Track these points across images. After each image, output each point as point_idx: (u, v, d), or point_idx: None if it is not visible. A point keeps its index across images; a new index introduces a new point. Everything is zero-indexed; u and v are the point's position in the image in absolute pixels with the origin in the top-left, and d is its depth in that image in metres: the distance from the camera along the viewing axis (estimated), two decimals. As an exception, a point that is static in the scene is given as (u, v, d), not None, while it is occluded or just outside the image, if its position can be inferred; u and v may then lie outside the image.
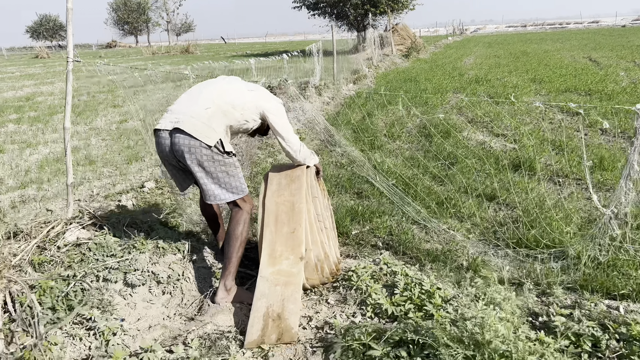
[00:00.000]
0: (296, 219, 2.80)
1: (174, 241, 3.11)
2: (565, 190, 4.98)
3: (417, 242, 3.89)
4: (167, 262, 2.92)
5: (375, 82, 14.21)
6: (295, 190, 2.93)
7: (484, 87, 11.28)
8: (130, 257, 2.82)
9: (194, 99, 2.86)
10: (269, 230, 2.82)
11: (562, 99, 9.26)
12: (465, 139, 6.91)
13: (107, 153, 7.58)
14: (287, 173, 3.07)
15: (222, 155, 2.76)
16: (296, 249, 2.71)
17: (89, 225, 3.24)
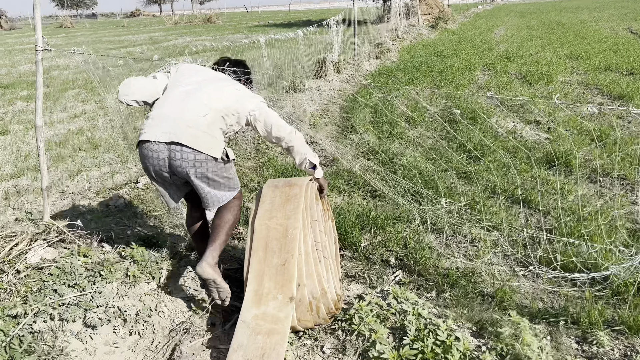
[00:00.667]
0: (288, 247, 2.34)
1: (150, 264, 2.69)
2: (607, 192, 4.40)
3: (435, 259, 3.40)
4: (138, 293, 2.51)
5: (399, 56, 13.47)
6: (291, 212, 2.45)
7: (515, 65, 10.49)
8: (95, 288, 2.42)
9: (183, 103, 2.48)
10: (257, 258, 2.38)
11: (601, 79, 8.48)
12: (494, 126, 6.30)
13: (112, 136, 7.21)
14: (283, 190, 2.59)
15: (226, 164, 2.57)
16: (286, 287, 2.26)
17: (57, 242, 2.84)
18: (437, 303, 2.88)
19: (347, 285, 3.03)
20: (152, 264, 2.72)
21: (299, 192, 2.54)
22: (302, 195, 2.52)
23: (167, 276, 2.70)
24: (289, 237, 2.38)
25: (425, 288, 3.09)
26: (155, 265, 2.73)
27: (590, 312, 2.71)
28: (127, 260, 2.71)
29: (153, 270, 2.67)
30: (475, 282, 3.12)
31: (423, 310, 2.47)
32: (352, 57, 11.62)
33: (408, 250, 3.51)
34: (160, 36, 27.30)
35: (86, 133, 7.46)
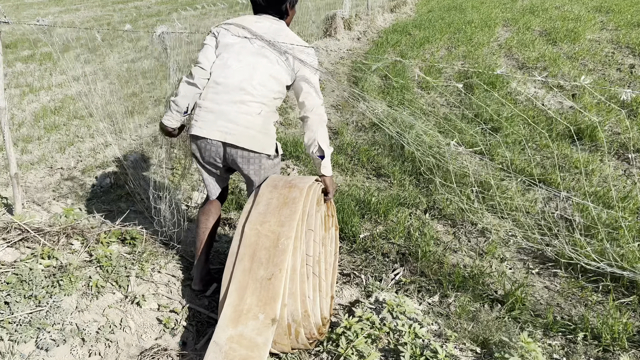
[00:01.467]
0: (277, 260, 2.02)
1: (117, 270, 2.42)
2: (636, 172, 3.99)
3: (440, 253, 3.07)
4: (102, 305, 2.25)
5: (416, 10, 12.74)
6: (286, 219, 2.11)
7: (540, 20, 9.78)
8: (51, 302, 2.16)
9: (238, 95, 2.30)
10: (242, 268, 2.06)
11: (633, 36, 7.81)
12: (513, 92, 5.81)
13: (109, 103, 6.88)
14: (281, 192, 2.24)
15: (277, 159, 2.48)
16: (270, 305, 1.96)
17: (19, 242, 2.58)
18: (440, 310, 2.58)
19: (339, 288, 2.74)
20: (120, 269, 2.45)
21: (299, 196, 2.19)
22: (301, 200, 2.17)
23: (137, 283, 2.43)
24: (279, 247, 2.05)
25: (428, 290, 2.78)
26: (124, 270, 2.45)
27: (614, 325, 2.39)
28: (93, 265, 2.44)
29: (120, 278, 2.39)
30: (483, 284, 2.80)
31: (420, 329, 2.16)
32: (364, 11, 10.97)
33: (411, 242, 3.19)
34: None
35: (83, 98, 7.14)
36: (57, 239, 2.66)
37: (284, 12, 2.48)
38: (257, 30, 2.38)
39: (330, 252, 2.58)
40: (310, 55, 2.38)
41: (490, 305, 2.65)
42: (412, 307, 2.36)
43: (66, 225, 2.75)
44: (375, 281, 2.80)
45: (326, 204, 2.53)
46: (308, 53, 2.37)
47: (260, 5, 2.47)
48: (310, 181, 2.29)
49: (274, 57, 2.34)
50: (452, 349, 2.06)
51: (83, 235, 2.72)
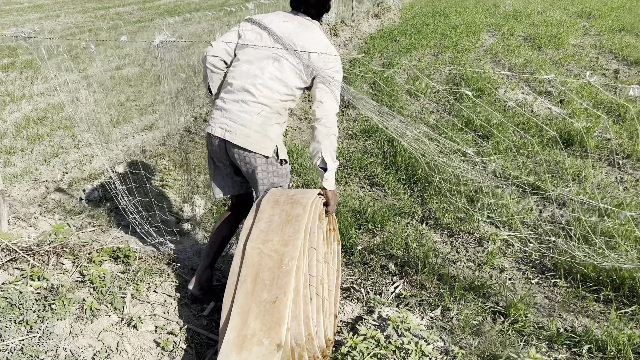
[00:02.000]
0: (282, 282, 1.95)
1: (112, 291, 2.33)
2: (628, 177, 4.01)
3: (439, 264, 3.04)
4: (97, 329, 2.16)
5: (401, 15, 12.79)
6: (290, 238, 2.05)
7: (523, 25, 9.88)
8: (43, 327, 2.07)
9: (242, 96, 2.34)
10: (245, 290, 1.99)
11: (616, 41, 7.93)
12: (502, 99, 5.84)
13: (94, 112, 6.76)
14: (283, 209, 2.17)
15: (278, 165, 2.44)
16: (274, 330, 1.88)
17: (7, 263, 2.48)
18: (443, 324, 2.54)
19: (340, 304, 2.69)
20: (114, 289, 2.37)
21: (302, 213, 2.12)
22: (304, 216, 2.10)
23: (132, 304, 2.35)
24: (284, 268, 1.98)
25: (429, 303, 2.74)
26: (118, 290, 2.37)
27: (619, 337, 2.37)
28: (86, 286, 2.36)
29: (115, 299, 2.31)
30: (485, 296, 2.77)
31: (427, 347, 2.12)
32: (349, 17, 10.97)
33: (409, 253, 3.15)
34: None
35: (67, 108, 7.00)
36: (47, 259, 2.57)
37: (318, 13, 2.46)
38: (278, 31, 2.36)
39: (332, 269, 2.52)
40: (329, 62, 2.31)
41: (492, 317, 2.62)
42: (415, 323, 2.32)
43: (56, 244, 2.65)
44: (375, 295, 2.75)
45: (327, 218, 2.48)
46: (326, 60, 2.31)
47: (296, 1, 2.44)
48: (312, 196, 2.23)
49: (285, 60, 2.31)
50: (460, 366, 2.02)
51: (74, 254, 2.63)
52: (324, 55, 2.30)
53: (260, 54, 2.34)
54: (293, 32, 2.34)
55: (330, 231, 2.52)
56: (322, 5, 2.44)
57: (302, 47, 2.30)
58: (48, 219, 3.60)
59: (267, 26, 2.38)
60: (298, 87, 2.34)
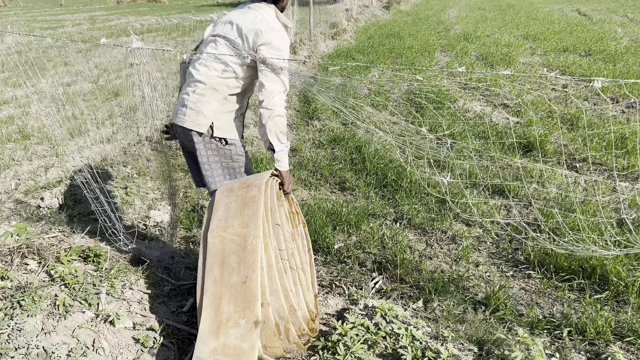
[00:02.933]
0: (249, 261, 1.90)
1: (85, 287, 2.20)
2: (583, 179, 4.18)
3: (416, 260, 3.05)
4: (71, 326, 2.02)
5: (356, 37, 13.06)
6: (249, 219, 2.01)
7: (474, 46, 10.29)
8: (12, 324, 1.92)
9: (188, 78, 2.46)
10: (212, 278, 1.93)
11: (562, 60, 8.38)
12: (461, 110, 6.02)
13: (46, 125, 6.47)
14: (239, 194, 2.13)
15: (216, 144, 2.42)
16: (249, 309, 1.82)
17: (-33, 263, 2.29)
18: (427, 315, 2.54)
19: (323, 298, 2.63)
20: (88, 286, 2.23)
21: (258, 194, 2.09)
22: (260, 197, 2.08)
23: (107, 301, 2.21)
24: (248, 248, 1.93)
25: (410, 297, 2.73)
26: (92, 287, 2.23)
27: (597, 320, 2.43)
28: (56, 284, 2.21)
29: (89, 295, 2.17)
30: (464, 288, 2.79)
31: (417, 331, 2.10)
32: (307, 37, 11.12)
33: (387, 251, 3.15)
34: (102, 15, 25.74)
35: (16, 122, 6.69)
36: (11, 259, 2.40)
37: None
38: (225, 19, 2.40)
39: (303, 249, 2.50)
40: (261, 36, 2.25)
41: (473, 307, 2.63)
42: (402, 312, 2.29)
43: (20, 244, 2.49)
44: (357, 289, 2.72)
45: (288, 201, 2.48)
46: (259, 34, 2.25)
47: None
48: (265, 177, 2.21)
49: (222, 38, 2.34)
50: (452, 348, 2.00)
51: (40, 254, 2.46)
52: (257, 29, 2.26)
53: (206, 42, 2.43)
54: (237, 15, 2.36)
55: (293, 214, 2.50)
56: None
57: (238, 24, 2.31)
58: (4, 226, 3.37)
59: (218, 20, 2.46)
60: (235, 62, 2.30)
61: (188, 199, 4.01)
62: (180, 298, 2.47)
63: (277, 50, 2.26)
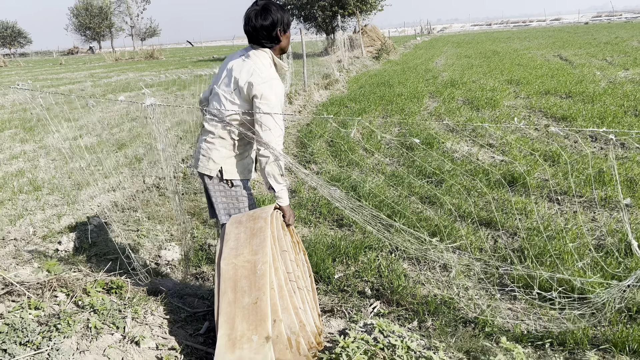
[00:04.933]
0: (259, 284, 2.17)
1: (112, 313, 2.45)
2: (567, 210, 4.48)
3: (411, 287, 3.30)
4: (102, 346, 2.26)
5: (348, 87, 13.65)
6: (258, 247, 2.29)
7: (461, 91, 10.82)
8: (51, 344, 2.16)
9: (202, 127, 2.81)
10: (226, 300, 2.19)
11: (543, 102, 8.86)
12: (449, 151, 6.38)
13: (56, 177, 6.79)
14: (247, 226, 2.42)
15: (224, 185, 2.75)
16: (261, 326, 2.08)
17: (3, 295, 2.54)
18: (422, 333, 2.78)
19: (326, 321, 2.88)
20: (114, 312, 2.48)
21: (264, 225, 2.38)
22: (267, 227, 2.36)
23: (132, 325, 2.46)
24: (258, 273, 2.21)
25: (406, 318, 2.98)
26: (119, 313, 2.48)
27: (575, 332, 2.68)
28: (87, 310, 2.46)
29: (116, 320, 2.42)
30: (455, 309, 3.04)
31: (411, 343, 2.34)
32: (302, 88, 11.66)
33: (383, 279, 3.41)
34: (102, 73, 26.61)
35: (27, 174, 7.00)
36: (42, 292, 2.65)
37: (264, 43, 2.59)
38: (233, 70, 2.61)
39: (305, 274, 2.77)
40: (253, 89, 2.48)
41: (464, 325, 2.87)
42: (398, 328, 2.54)
43: (50, 279, 2.74)
44: (357, 312, 2.96)
45: (289, 232, 2.74)
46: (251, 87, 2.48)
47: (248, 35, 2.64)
48: (270, 210, 2.49)
49: (222, 91, 2.63)
50: (443, 356, 2.24)
51: (67, 287, 2.72)
52: (250, 82, 2.48)
53: (212, 96, 2.73)
54: (236, 66, 2.61)
55: (294, 243, 2.78)
56: (266, 32, 2.54)
57: (235, 76, 2.57)
58: (27, 267, 3.63)
59: (224, 65, 2.75)
60: (235, 111, 2.56)
61: (196, 239, 4.28)
62: (196, 323, 2.71)
63: (266, 100, 2.48)
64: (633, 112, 7.62)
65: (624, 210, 2.91)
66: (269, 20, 2.53)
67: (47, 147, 8.83)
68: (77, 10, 71.52)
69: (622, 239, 3.76)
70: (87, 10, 70.80)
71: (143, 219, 4.72)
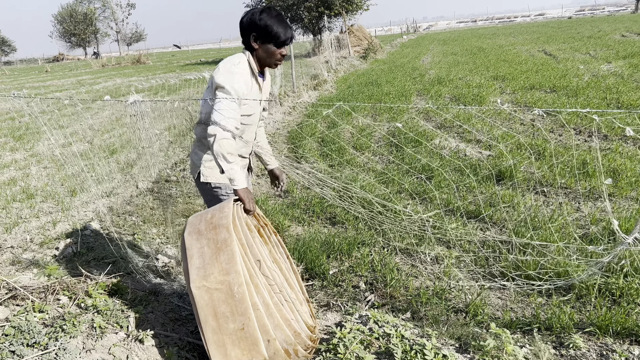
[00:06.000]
0: (241, 310, 2.06)
1: (116, 313, 2.52)
2: (553, 201, 4.62)
3: (404, 279, 3.41)
4: (107, 345, 2.33)
5: (336, 87, 13.76)
6: (227, 264, 2.09)
7: (448, 88, 10.98)
8: (58, 344, 2.23)
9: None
10: (210, 328, 2.10)
11: (528, 97, 9.02)
12: (437, 147, 6.51)
13: (49, 184, 6.83)
14: (209, 237, 2.18)
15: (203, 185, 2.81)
16: (254, 350, 2.07)
17: (8, 300, 2.61)
18: (415, 323, 2.88)
19: (323, 314, 2.97)
20: (117, 312, 2.55)
21: (228, 237, 2.15)
22: (232, 238, 2.14)
23: (135, 324, 2.54)
24: (236, 297, 2.07)
25: (400, 309, 3.08)
26: (122, 313, 2.56)
27: (561, 316, 2.79)
28: (90, 311, 2.53)
29: (120, 319, 2.50)
30: (447, 299, 3.15)
31: (405, 332, 2.45)
32: (291, 89, 11.75)
33: (377, 273, 3.51)
34: (89, 79, 26.52)
35: (19, 183, 7.03)
36: (45, 296, 2.72)
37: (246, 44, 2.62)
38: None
39: (283, 261, 2.78)
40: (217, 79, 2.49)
41: (455, 314, 2.98)
42: (392, 318, 2.64)
43: (52, 283, 2.81)
44: (352, 305, 3.06)
45: (255, 217, 2.63)
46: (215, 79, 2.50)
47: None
48: (229, 212, 2.24)
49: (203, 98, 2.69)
50: (436, 342, 2.35)
51: (70, 290, 2.79)
52: (212, 75, 2.55)
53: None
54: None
55: (262, 227, 2.71)
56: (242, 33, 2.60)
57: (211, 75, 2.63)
58: (27, 273, 3.68)
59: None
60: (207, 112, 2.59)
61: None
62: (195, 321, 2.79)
63: (221, 88, 2.47)
64: (615, 105, 7.80)
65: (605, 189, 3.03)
66: (243, 21, 2.58)
67: (38, 154, 8.85)
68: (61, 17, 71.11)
69: (605, 227, 3.89)
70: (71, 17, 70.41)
71: (139, 223, 4.79)
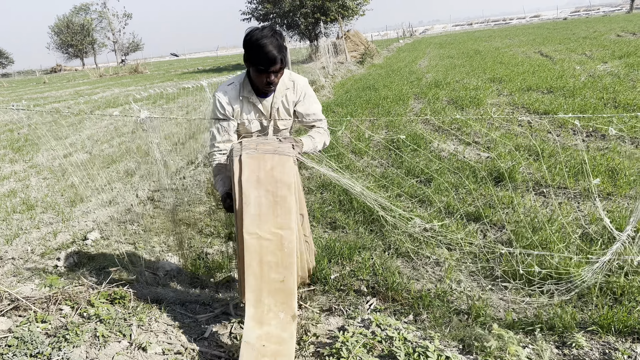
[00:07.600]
0: (286, 263, 2.27)
1: (118, 322, 2.52)
2: (552, 202, 4.62)
3: (405, 283, 3.41)
4: (110, 353, 2.34)
5: (334, 92, 13.80)
6: (283, 220, 2.29)
7: (445, 91, 11.01)
8: (61, 354, 2.23)
9: None
10: (252, 273, 2.27)
11: (526, 98, 9.05)
12: (436, 150, 6.52)
13: (49, 195, 6.84)
14: (268, 189, 2.32)
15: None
16: (287, 304, 2.23)
17: (10, 311, 2.61)
18: (417, 326, 2.88)
19: (325, 319, 2.97)
20: (120, 321, 2.56)
21: (288, 195, 2.32)
22: (291, 198, 2.32)
23: (138, 332, 2.54)
24: (285, 250, 2.28)
25: (402, 312, 3.08)
26: (124, 322, 2.56)
27: (563, 316, 2.80)
28: (93, 321, 2.53)
29: (122, 328, 2.50)
30: (449, 301, 3.15)
31: (408, 334, 2.45)
32: (288, 95, 11.77)
33: (378, 277, 3.51)
34: (87, 90, 26.57)
35: (19, 194, 7.03)
36: (47, 306, 2.72)
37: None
38: None
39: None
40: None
41: (458, 316, 2.99)
42: (394, 321, 2.64)
43: (54, 293, 2.82)
44: (355, 309, 3.06)
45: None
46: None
47: None
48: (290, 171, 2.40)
49: None
50: (438, 344, 2.35)
51: (72, 300, 2.79)
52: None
53: None
54: None
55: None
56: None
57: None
58: (29, 284, 3.68)
59: None
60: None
61: (193, 249, 4.36)
62: (198, 328, 2.79)
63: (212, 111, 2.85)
64: (612, 104, 7.82)
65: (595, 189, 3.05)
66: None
67: (38, 166, 8.85)
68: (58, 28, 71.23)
69: (605, 226, 3.90)
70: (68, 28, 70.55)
71: (139, 232, 4.79)
